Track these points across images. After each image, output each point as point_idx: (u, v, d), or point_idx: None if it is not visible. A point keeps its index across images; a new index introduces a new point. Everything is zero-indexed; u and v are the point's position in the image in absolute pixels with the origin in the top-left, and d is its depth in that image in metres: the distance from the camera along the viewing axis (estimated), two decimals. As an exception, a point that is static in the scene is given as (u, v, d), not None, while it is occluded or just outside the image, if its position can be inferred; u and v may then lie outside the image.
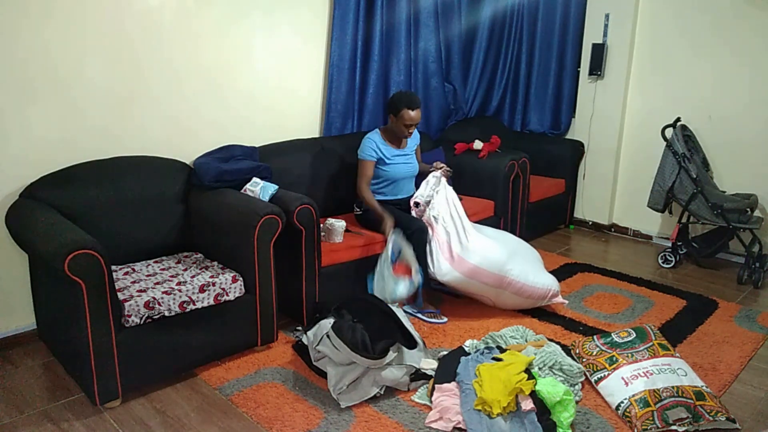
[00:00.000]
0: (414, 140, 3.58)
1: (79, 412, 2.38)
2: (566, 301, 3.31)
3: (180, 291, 2.49)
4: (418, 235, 3.16)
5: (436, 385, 2.47)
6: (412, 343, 2.63)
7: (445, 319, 3.17)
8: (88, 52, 2.82)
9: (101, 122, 2.92)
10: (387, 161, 3.41)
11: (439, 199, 3.27)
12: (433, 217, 3.23)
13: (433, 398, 2.43)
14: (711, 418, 2.27)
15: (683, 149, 3.86)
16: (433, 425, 2.31)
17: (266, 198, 2.93)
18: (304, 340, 2.78)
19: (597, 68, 4.64)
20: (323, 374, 2.57)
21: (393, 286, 2.97)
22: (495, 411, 2.24)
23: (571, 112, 4.95)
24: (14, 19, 2.60)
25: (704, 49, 4.21)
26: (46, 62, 2.71)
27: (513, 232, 4.18)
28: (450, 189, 3.35)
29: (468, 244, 3.13)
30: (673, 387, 2.36)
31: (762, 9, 3.94)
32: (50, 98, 2.75)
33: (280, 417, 2.36)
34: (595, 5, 4.64)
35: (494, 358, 2.53)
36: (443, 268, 3.12)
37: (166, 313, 2.44)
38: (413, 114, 3.32)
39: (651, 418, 2.27)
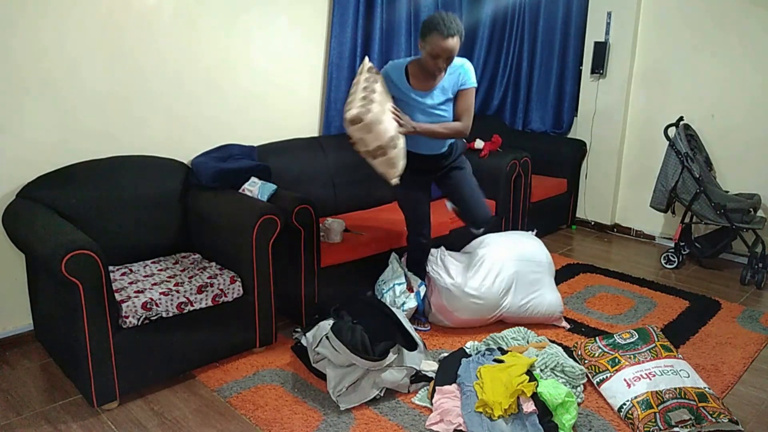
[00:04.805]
0: (448, 87, 2.79)
1: (77, 413, 2.37)
2: (568, 325, 3.15)
3: (178, 292, 2.47)
4: (422, 247, 3.13)
5: (437, 387, 2.45)
6: (412, 345, 2.61)
7: (428, 327, 3.10)
8: (86, 51, 2.80)
9: (99, 122, 2.90)
10: (398, 95, 2.76)
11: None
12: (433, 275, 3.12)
13: (433, 400, 2.41)
14: (713, 420, 2.25)
15: (686, 149, 3.83)
16: (434, 427, 2.29)
17: (265, 198, 2.91)
18: (303, 341, 2.76)
19: (599, 67, 4.61)
20: (322, 376, 2.55)
21: (403, 300, 3.01)
22: (496, 413, 2.22)
23: (573, 111, 4.93)
24: (11, 18, 2.58)
25: (707, 47, 4.18)
26: (43, 61, 2.69)
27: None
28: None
29: (457, 301, 2.99)
30: (675, 388, 2.34)
31: (766, 7, 3.91)
32: (47, 97, 2.73)
33: (279, 419, 2.34)
34: (597, 3, 4.61)
35: (495, 360, 2.51)
36: (437, 316, 3.09)
37: (164, 315, 2.43)
38: (444, 44, 2.55)
39: (653, 420, 2.25)
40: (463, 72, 2.77)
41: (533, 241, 3.28)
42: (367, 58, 2.88)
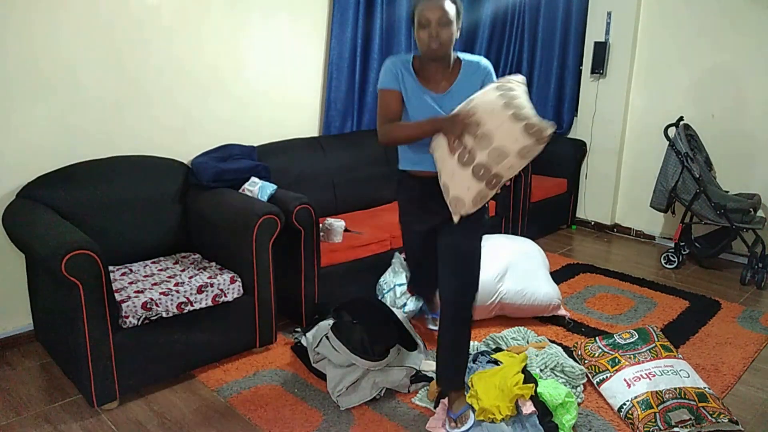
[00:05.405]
0: (473, 90, 2.11)
1: (77, 413, 2.37)
2: (567, 314, 3.19)
3: (178, 292, 2.46)
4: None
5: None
6: (412, 345, 2.61)
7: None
8: (85, 52, 2.80)
9: (99, 121, 2.90)
10: (406, 96, 2.16)
11: None
12: None
13: (439, 403, 2.41)
14: (713, 420, 2.25)
15: (686, 149, 3.83)
16: (434, 429, 2.29)
17: (265, 198, 2.91)
18: (303, 341, 2.77)
19: (599, 67, 4.61)
20: (322, 376, 2.55)
21: (403, 301, 3.02)
22: (498, 417, 2.22)
23: (573, 111, 4.93)
24: (8, 17, 2.58)
25: (707, 47, 4.18)
26: (42, 60, 2.69)
27: (515, 232, 4.17)
28: None
29: None
30: (675, 389, 2.34)
31: (766, 6, 3.91)
32: (48, 97, 2.73)
33: (279, 419, 2.34)
34: (597, 3, 4.61)
35: (490, 362, 2.51)
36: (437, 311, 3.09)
37: (164, 315, 2.42)
38: (429, 3, 2.04)
39: (653, 420, 2.25)
40: (486, 71, 2.21)
41: (524, 240, 3.47)
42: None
